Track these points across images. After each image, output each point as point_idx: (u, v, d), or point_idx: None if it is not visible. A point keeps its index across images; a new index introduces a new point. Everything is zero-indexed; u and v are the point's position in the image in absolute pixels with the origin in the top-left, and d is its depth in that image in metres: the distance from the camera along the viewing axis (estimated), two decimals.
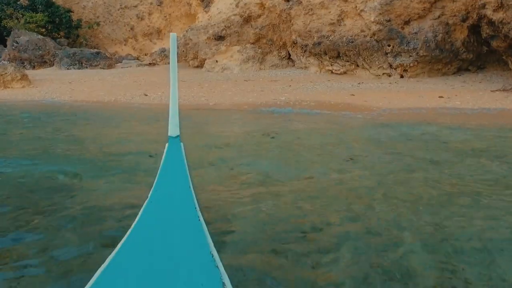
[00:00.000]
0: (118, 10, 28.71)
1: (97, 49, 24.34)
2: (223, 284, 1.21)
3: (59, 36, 26.33)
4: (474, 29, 13.56)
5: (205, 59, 16.66)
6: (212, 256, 1.31)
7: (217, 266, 1.27)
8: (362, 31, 13.58)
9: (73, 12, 27.13)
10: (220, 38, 16.24)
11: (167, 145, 2.02)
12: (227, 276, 1.24)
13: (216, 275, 1.24)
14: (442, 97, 10.92)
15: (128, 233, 1.44)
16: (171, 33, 2.31)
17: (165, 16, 27.14)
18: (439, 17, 13.43)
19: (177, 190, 1.72)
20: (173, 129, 2.09)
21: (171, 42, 2.28)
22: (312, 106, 10.21)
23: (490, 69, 14.45)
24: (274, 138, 6.03)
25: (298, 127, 7.35)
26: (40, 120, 8.88)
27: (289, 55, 16.09)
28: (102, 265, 1.28)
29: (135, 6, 28.20)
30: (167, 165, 1.89)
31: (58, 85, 15.22)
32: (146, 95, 12.68)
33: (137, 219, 1.53)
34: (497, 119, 8.25)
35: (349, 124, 7.77)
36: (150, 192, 1.69)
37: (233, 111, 9.96)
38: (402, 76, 13.60)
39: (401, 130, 7.08)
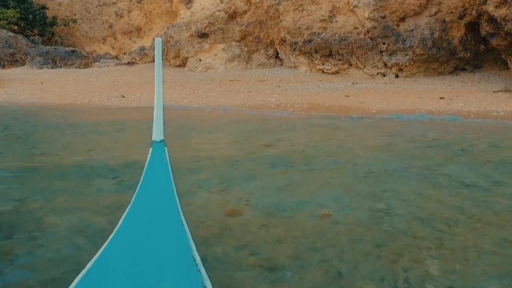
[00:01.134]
0: (96, 7, 27.62)
1: (74, 47, 23.11)
2: (205, 287, 1.19)
3: (33, 34, 25.03)
4: (472, 27, 12.93)
5: (188, 58, 15.66)
6: (195, 260, 1.31)
7: (199, 270, 1.26)
8: (356, 28, 12.79)
9: (48, 9, 25.83)
10: (203, 35, 15.26)
11: (151, 149, 1.99)
12: (209, 280, 1.22)
13: (198, 279, 1.23)
14: (443, 98, 10.20)
15: (110, 236, 1.42)
16: (156, 38, 2.26)
17: (145, 14, 26.17)
18: (435, 13, 12.73)
19: (161, 195, 1.70)
20: (157, 134, 2.06)
21: (156, 47, 2.22)
22: (305, 109, 9.36)
23: (487, 69, 13.85)
24: (270, 146, 5.13)
25: (295, 134, 6.46)
26: None
27: (277, 53, 15.20)
28: (83, 270, 1.25)
29: (114, 3, 27.15)
30: (151, 169, 1.87)
31: (28, 86, 14.07)
32: (123, 96, 11.66)
33: (120, 222, 1.50)
34: None
35: (352, 129, 6.93)
36: (134, 196, 1.66)
37: (219, 114, 9.04)
38: (397, 76, 12.87)
39: (420, 136, 6.26)
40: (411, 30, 12.55)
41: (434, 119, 8.21)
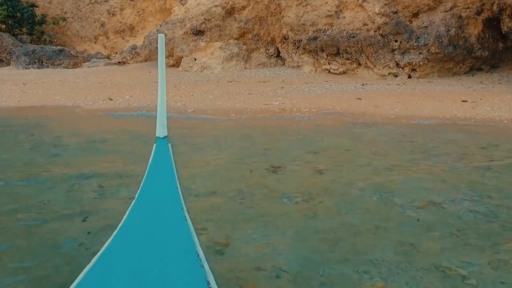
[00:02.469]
0: (88, 5, 26.73)
1: (65, 47, 22.00)
2: (208, 283, 1.20)
3: (21, 32, 23.98)
4: (489, 23, 11.94)
5: (182, 57, 14.56)
6: (198, 255, 1.30)
7: (202, 266, 1.26)
8: (365, 24, 11.74)
9: (37, 7, 24.83)
10: (199, 32, 14.17)
11: (154, 145, 1.98)
12: (212, 276, 1.22)
13: (201, 274, 1.23)
14: (465, 101, 9.20)
15: (114, 232, 1.42)
16: (159, 34, 2.21)
17: (138, 12, 25.29)
18: (451, 9, 11.71)
19: (165, 190, 1.69)
20: (161, 130, 2.04)
21: (159, 43, 2.19)
22: (314, 114, 8.31)
23: (505, 68, 12.85)
24: (279, 173, 4.05)
25: (313, 149, 5.37)
26: None
27: (278, 52, 14.12)
28: (88, 265, 1.26)
29: (106, 1, 26.28)
30: (155, 165, 1.84)
31: (9, 87, 12.95)
32: (111, 99, 10.58)
33: (124, 218, 1.50)
34: None
35: (376, 140, 5.87)
36: (137, 192, 1.65)
37: (217, 121, 7.97)
38: (409, 77, 11.83)
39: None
40: (425, 27, 11.53)
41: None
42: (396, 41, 11.47)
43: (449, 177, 3.91)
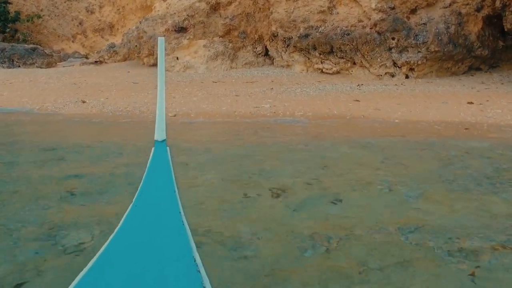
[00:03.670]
0: (65, 2, 25.66)
1: (41, 46, 20.84)
2: None
3: None
4: (490, 21, 11.30)
5: None
6: (195, 260, 1.29)
7: (199, 271, 1.25)
8: (360, 21, 10.97)
9: (11, 4, 23.61)
10: (181, 30, 13.22)
11: (153, 149, 1.97)
12: (208, 281, 1.21)
13: (197, 280, 1.22)
14: (472, 103, 8.50)
15: (112, 235, 1.41)
16: (158, 37, 2.23)
17: (118, 9, 24.33)
18: (450, 5, 11.03)
19: (162, 194, 1.67)
20: (159, 134, 2.02)
21: (159, 46, 2.19)
22: (310, 118, 7.47)
23: (505, 68, 12.25)
24: (284, 198, 3.19)
25: (319, 163, 4.49)
26: None
27: (267, 50, 13.27)
28: (84, 269, 1.24)
29: None
30: (153, 169, 1.84)
31: None
32: (84, 101, 9.59)
33: (121, 222, 1.48)
34: None
35: (395, 152, 5.04)
36: (135, 196, 1.64)
37: (202, 127, 7.09)
38: (407, 77, 11.09)
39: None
40: (423, 24, 10.81)
41: None
42: (393, 38, 10.73)
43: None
